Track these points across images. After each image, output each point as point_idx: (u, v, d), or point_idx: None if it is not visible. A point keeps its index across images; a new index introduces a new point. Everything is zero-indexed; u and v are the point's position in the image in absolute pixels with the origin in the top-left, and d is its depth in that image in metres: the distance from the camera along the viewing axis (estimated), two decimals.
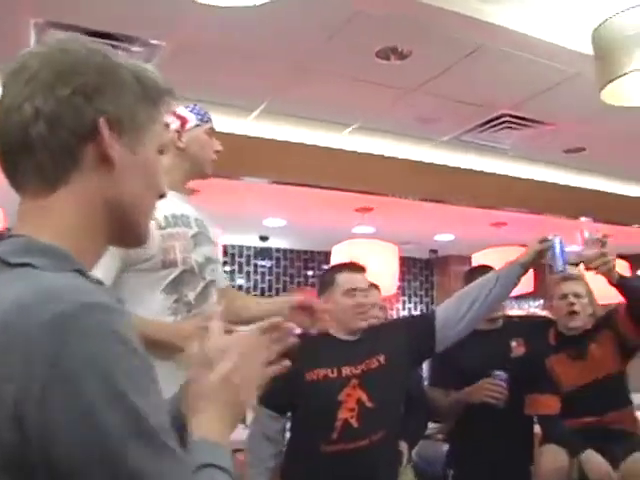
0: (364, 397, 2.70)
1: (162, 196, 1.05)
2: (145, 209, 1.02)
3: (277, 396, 2.58)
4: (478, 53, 3.74)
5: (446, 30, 3.46)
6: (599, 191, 6.70)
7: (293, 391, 2.69)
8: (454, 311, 2.78)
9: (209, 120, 2.55)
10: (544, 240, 2.74)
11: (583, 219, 3.01)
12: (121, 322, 0.81)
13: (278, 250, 8.47)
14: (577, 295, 3.33)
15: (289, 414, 2.90)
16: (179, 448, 0.84)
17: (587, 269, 2.88)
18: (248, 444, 2.88)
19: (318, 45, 3.69)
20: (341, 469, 2.64)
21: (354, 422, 2.67)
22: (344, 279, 2.80)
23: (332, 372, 2.74)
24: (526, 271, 2.75)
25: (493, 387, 3.20)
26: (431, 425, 3.79)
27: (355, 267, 2.89)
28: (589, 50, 2.81)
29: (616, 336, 3.22)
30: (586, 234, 2.89)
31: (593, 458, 3.04)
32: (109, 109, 0.93)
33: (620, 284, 2.90)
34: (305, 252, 8.57)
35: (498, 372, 3.23)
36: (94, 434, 0.74)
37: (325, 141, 5.22)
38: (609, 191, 6.76)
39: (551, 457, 3.10)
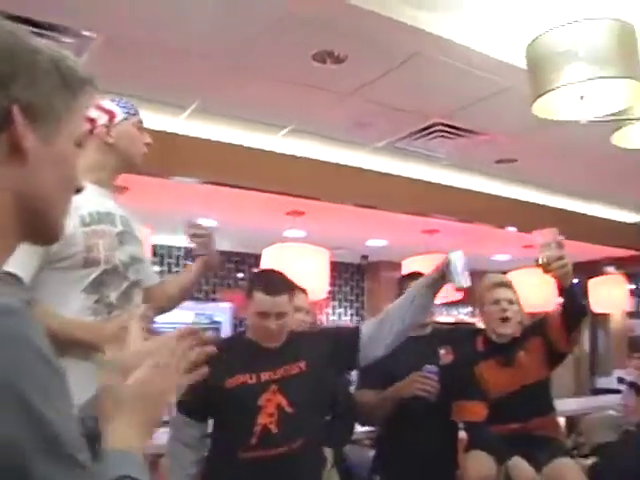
0: (284, 402, 2.68)
1: (79, 191, 0.99)
2: (60, 204, 0.96)
3: (195, 403, 2.55)
4: (413, 61, 3.75)
5: (382, 36, 3.46)
6: (528, 202, 6.85)
7: (211, 398, 2.64)
8: (376, 333, 2.77)
9: (137, 113, 2.48)
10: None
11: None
12: (27, 326, 0.75)
13: None
14: (509, 301, 3.40)
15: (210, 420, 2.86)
16: (90, 461, 0.79)
17: (545, 271, 2.94)
18: (168, 451, 2.83)
19: (254, 46, 3.64)
20: (261, 476, 2.61)
21: (273, 428, 2.64)
22: (258, 299, 2.70)
23: (251, 378, 2.71)
24: (437, 289, 2.78)
25: (424, 380, 3.22)
26: (358, 430, 3.78)
27: (273, 289, 2.71)
28: (522, 64, 2.84)
29: (545, 343, 3.29)
30: (543, 238, 2.95)
31: (519, 465, 3.09)
32: (24, 97, 0.87)
33: (571, 288, 3.01)
34: (235, 254, 8.48)
35: (429, 366, 3.24)
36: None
37: (258, 142, 5.17)
38: (538, 202, 6.91)
39: (478, 464, 3.14)
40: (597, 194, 7.09)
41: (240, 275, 8.55)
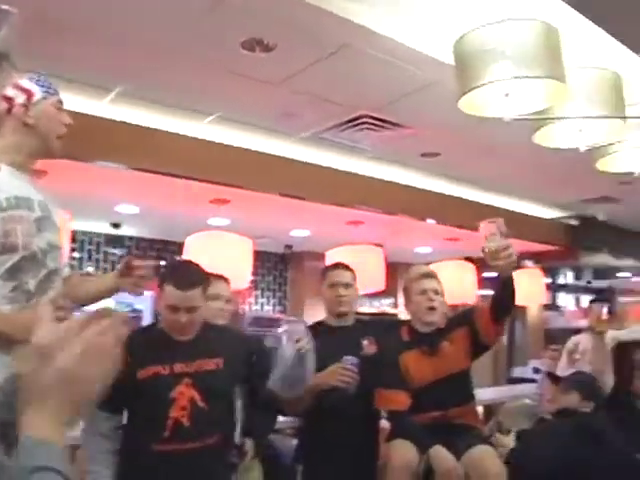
0: (197, 397, 2.66)
1: None
2: None
3: (107, 395, 2.48)
4: (343, 52, 3.75)
5: (312, 26, 3.45)
6: (451, 196, 6.97)
7: (123, 389, 2.58)
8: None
9: (56, 92, 2.38)
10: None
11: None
12: None
13: (130, 238, 8.20)
14: (435, 292, 3.48)
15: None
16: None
17: (491, 261, 3.03)
18: (83, 442, 2.76)
19: (182, 31, 3.57)
20: (175, 469, 2.59)
21: (185, 421, 2.62)
22: (168, 293, 2.67)
23: (164, 369, 2.68)
24: None
25: (343, 371, 3.24)
26: (280, 419, 3.78)
27: (184, 283, 2.67)
28: (450, 59, 2.88)
29: (471, 334, 3.39)
30: (489, 228, 3.02)
31: (440, 453, 3.15)
32: None
33: (510, 278, 3.11)
34: (159, 241, 8.35)
35: (348, 357, 3.27)
36: None
37: (184, 129, 5.09)
38: (460, 196, 7.04)
39: (402, 452, 3.18)
40: (518, 190, 7.28)
41: (162, 263, 8.42)
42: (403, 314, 8.72)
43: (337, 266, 3.70)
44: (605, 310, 4.38)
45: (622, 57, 3.28)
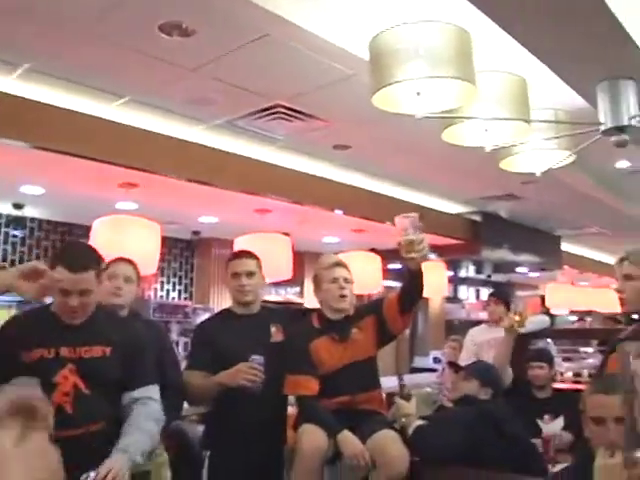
0: (80, 383, 2.61)
1: None
2: None
3: None
4: (261, 41, 3.77)
5: (232, 13, 3.45)
6: (360, 188, 7.08)
7: (8, 373, 2.52)
8: None
9: None
10: None
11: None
12: None
13: (33, 220, 7.94)
14: (346, 280, 3.55)
15: None
16: None
17: (406, 252, 3.11)
18: None
19: (98, 11, 3.50)
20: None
21: (68, 408, 2.57)
22: (59, 274, 2.56)
23: (49, 352, 2.61)
24: None
25: (250, 370, 3.27)
26: (186, 406, 3.78)
27: (76, 265, 2.60)
28: (366, 55, 2.94)
29: (379, 323, 3.49)
30: (405, 222, 3.10)
31: (348, 438, 3.23)
32: None
33: (419, 271, 3.22)
34: (63, 224, 8.12)
35: (255, 356, 3.30)
36: None
37: (94, 110, 4.98)
38: (369, 189, 7.17)
39: (310, 437, 3.24)
40: (425, 185, 7.46)
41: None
42: (309, 303, 8.81)
43: (240, 255, 3.71)
44: (504, 307, 4.56)
45: (528, 63, 3.43)
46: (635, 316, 3.14)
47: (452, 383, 4.39)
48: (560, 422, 4.01)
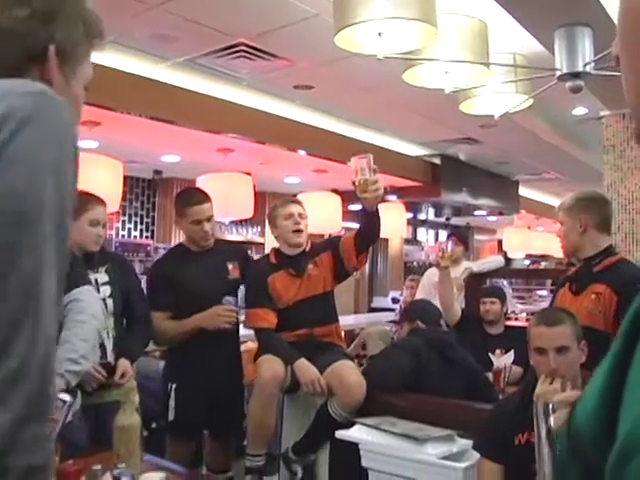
0: None
1: None
2: None
3: None
4: None
5: None
6: (321, 128, 7.10)
7: None
8: None
9: None
10: None
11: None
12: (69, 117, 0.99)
13: None
14: (301, 216, 3.64)
15: None
16: None
17: (361, 192, 3.21)
18: None
19: None
20: None
21: None
22: None
23: None
24: None
25: (226, 313, 3.43)
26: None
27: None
28: None
29: (335, 259, 3.60)
30: (360, 162, 3.16)
31: (304, 365, 3.38)
32: (59, 37, 1.03)
33: (377, 211, 3.32)
34: None
35: (228, 297, 3.43)
36: None
37: None
38: (331, 129, 7.19)
39: (270, 366, 3.38)
40: (386, 127, 7.50)
41: None
42: (269, 243, 8.89)
43: (201, 200, 3.61)
44: (450, 246, 4.65)
45: (489, 7, 3.48)
46: (574, 260, 3.29)
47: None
48: (511, 356, 4.18)
